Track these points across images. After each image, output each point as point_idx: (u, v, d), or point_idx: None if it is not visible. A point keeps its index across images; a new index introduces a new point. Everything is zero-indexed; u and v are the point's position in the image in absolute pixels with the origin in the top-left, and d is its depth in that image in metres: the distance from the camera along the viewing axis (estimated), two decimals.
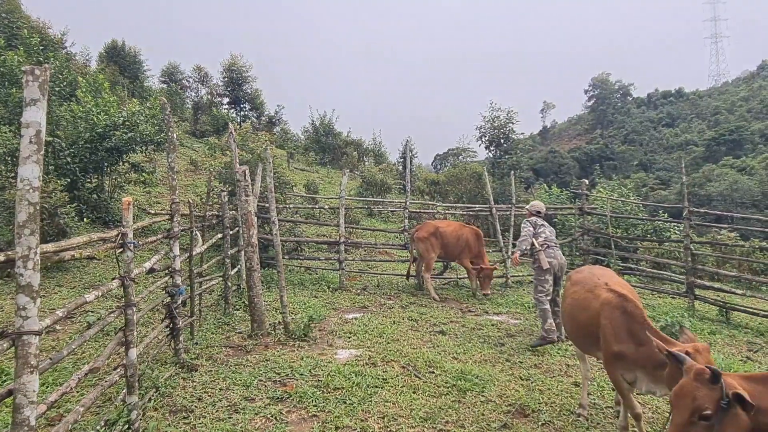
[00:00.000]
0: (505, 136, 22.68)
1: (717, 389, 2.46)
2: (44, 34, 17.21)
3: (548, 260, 6.58)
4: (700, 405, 2.46)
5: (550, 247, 6.75)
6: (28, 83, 2.36)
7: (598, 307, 3.89)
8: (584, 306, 4.08)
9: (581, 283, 4.36)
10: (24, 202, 2.32)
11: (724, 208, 37.58)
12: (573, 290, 4.40)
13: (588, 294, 4.12)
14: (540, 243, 6.76)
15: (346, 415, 4.19)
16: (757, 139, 61.38)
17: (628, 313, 3.67)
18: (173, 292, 5.17)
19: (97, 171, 10.67)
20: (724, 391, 2.44)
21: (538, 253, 6.64)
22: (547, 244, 6.76)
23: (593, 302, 3.99)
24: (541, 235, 6.85)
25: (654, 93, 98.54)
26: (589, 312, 3.99)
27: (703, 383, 2.50)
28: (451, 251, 9.44)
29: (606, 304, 3.83)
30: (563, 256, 6.95)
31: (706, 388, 2.48)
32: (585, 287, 4.23)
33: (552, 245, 6.79)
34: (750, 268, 12.02)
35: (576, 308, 4.23)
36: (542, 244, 6.76)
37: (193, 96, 30.08)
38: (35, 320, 2.37)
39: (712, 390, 2.47)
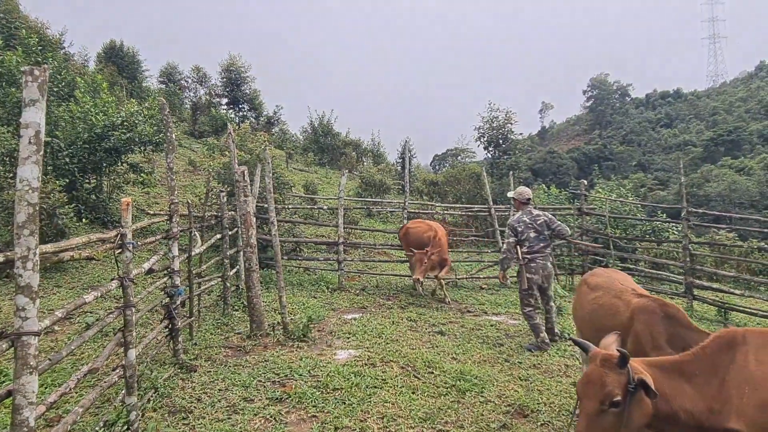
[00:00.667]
0: (503, 137, 22.71)
1: (624, 374, 2.42)
2: (42, 35, 17.17)
3: (529, 276, 6.28)
4: (610, 391, 2.40)
5: (534, 259, 6.33)
6: (28, 84, 2.35)
7: (629, 314, 3.62)
8: (612, 312, 3.79)
9: (604, 288, 4.08)
10: (23, 202, 2.32)
11: (722, 208, 37.69)
12: (594, 296, 4.08)
13: (615, 300, 3.85)
14: (523, 254, 6.35)
15: (346, 416, 4.19)
16: (756, 139, 61.52)
17: (671, 317, 3.42)
18: (172, 293, 5.17)
19: (95, 171, 10.65)
20: (631, 376, 2.40)
21: (521, 268, 6.35)
22: (530, 256, 6.33)
23: (623, 308, 3.71)
24: (526, 243, 6.36)
25: (652, 93, 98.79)
26: (619, 318, 3.70)
27: (611, 368, 2.45)
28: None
29: (641, 309, 3.54)
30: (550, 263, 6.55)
31: (614, 374, 2.43)
32: (610, 293, 3.96)
33: (536, 253, 6.34)
34: (748, 268, 12.04)
35: (601, 315, 3.91)
36: (525, 255, 6.35)
37: (191, 96, 30.06)
38: (34, 321, 2.37)
39: (620, 375, 2.42)
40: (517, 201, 6.71)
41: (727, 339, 2.59)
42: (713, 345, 2.61)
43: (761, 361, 2.46)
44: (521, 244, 6.38)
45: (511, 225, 6.52)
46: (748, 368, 2.46)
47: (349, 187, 18.62)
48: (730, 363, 2.51)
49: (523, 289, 6.32)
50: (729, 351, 2.56)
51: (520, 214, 6.55)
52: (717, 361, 2.55)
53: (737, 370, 2.48)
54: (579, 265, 11.13)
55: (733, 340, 2.57)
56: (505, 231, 6.53)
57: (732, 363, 2.50)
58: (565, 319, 7.86)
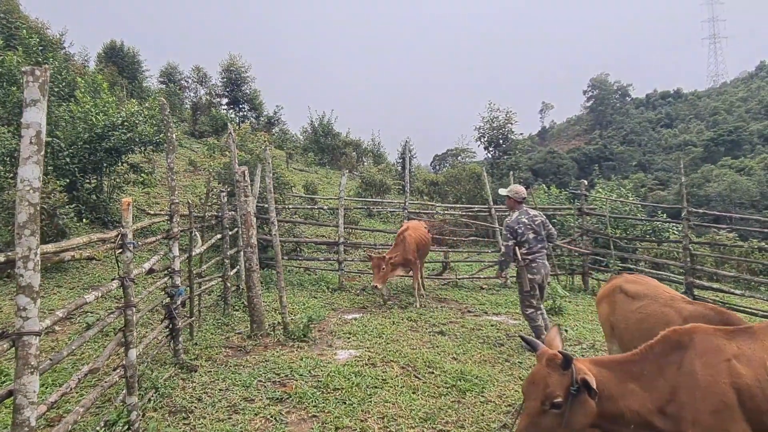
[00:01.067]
0: (503, 137, 22.71)
1: (567, 375, 2.40)
2: (43, 35, 17.19)
3: (531, 277, 6.09)
4: (551, 392, 2.40)
5: (535, 259, 6.14)
6: (29, 84, 2.36)
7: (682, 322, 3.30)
8: (664, 321, 3.51)
9: (649, 297, 3.81)
10: (24, 202, 2.32)
11: (722, 208, 37.70)
12: (639, 305, 3.81)
13: (666, 309, 3.65)
14: (523, 255, 6.14)
15: (346, 416, 4.19)
16: (756, 139, 61.54)
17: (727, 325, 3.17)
18: (173, 293, 5.18)
19: (96, 171, 10.66)
20: (574, 377, 2.38)
21: (521, 270, 6.13)
22: (530, 257, 6.13)
23: (674, 317, 3.51)
24: (525, 244, 6.15)
25: (653, 93, 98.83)
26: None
27: (555, 369, 2.44)
28: None
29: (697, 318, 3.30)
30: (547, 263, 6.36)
31: (557, 374, 2.42)
32: (658, 301, 3.73)
33: (536, 253, 6.16)
34: (749, 268, 12.04)
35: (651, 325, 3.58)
36: (525, 256, 6.14)
37: (191, 96, 30.09)
38: (35, 321, 2.37)
39: (562, 376, 2.41)
40: (512, 200, 6.41)
41: (674, 340, 2.56)
42: (660, 345, 2.58)
43: (708, 364, 2.42)
44: (521, 245, 6.16)
45: (510, 226, 6.23)
46: (696, 374, 2.42)
47: (349, 187, 18.62)
48: (678, 366, 2.47)
49: (525, 291, 6.12)
50: (676, 353, 2.52)
51: (518, 214, 6.29)
52: (663, 363, 2.52)
53: (687, 374, 2.44)
54: (579, 266, 11.12)
55: (680, 342, 2.54)
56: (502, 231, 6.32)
57: (680, 367, 2.47)
58: (566, 319, 7.87)
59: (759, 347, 2.46)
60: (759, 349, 2.46)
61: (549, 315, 7.98)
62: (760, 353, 2.43)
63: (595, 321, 7.89)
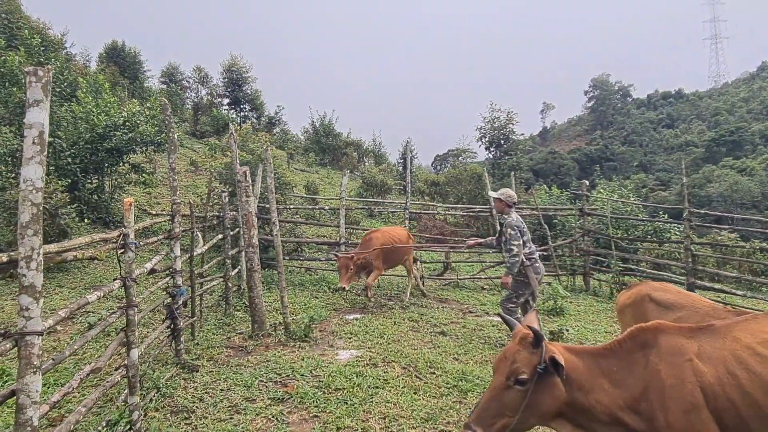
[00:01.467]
0: (505, 137, 22.69)
1: (537, 354, 2.39)
2: (44, 35, 17.21)
3: (537, 277, 6.06)
4: (517, 368, 2.40)
5: (537, 259, 6.19)
6: (31, 84, 2.36)
7: None
8: None
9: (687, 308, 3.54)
10: (27, 202, 2.32)
11: (724, 209, 37.65)
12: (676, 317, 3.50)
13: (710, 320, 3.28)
14: (527, 256, 6.06)
15: (348, 416, 4.19)
16: (757, 140, 61.47)
17: None
18: (174, 293, 5.18)
19: (97, 172, 10.68)
20: (543, 356, 2.37)
21: (527, 269, 6.03)
22: (534, 257, 6.14)
23: None
24: (527, 244, 6.11)
25: (654, 94, 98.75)
26: None
27: (525, 347, 2.44)
28: None
29: None
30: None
31: (526, 352, 2.42)
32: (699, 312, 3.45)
33: (536, 254, 6.22)
34: (750, 269, 12.04)
35: None
36: (530, 257, 6.07)
37: (193, 96, 30.12)
38: (38, 321, 2.37)
39: (532, 354, 2.40)
40: (503, 203, 6.26)
41: (640, 338, 2.51)
42: (628, 342, 2.53)
43: (672, 364, 2.38)
44: (524, 246, 6.09)
45: (518, 226, 6.10)
46: (661, 373, 2.38)
47: (350, 188, 18.62)
48: (644, 366, 2.43)
49: (525, 285, 6.04)
50: (642, 351, 2.48)
51: (515, 215, 6.22)
52: (632, 361, 2.48)
53: (653, 374, 2.40)
54: (580, 266, 11.12)
55: (646, 340, 2.50)
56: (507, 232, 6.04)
57: (646, 366, 2.43)
58: (567, 319, 7.87)
59: (721, 345, 2.42)
60: (721, 347, 2.41)
61: (550, 316, 8.01)
62: (721, 352, 2.39)
63: (597, 321, 7.90)
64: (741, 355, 2.35)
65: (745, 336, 2.42)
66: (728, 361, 2.34)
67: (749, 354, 2.34)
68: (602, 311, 8.66)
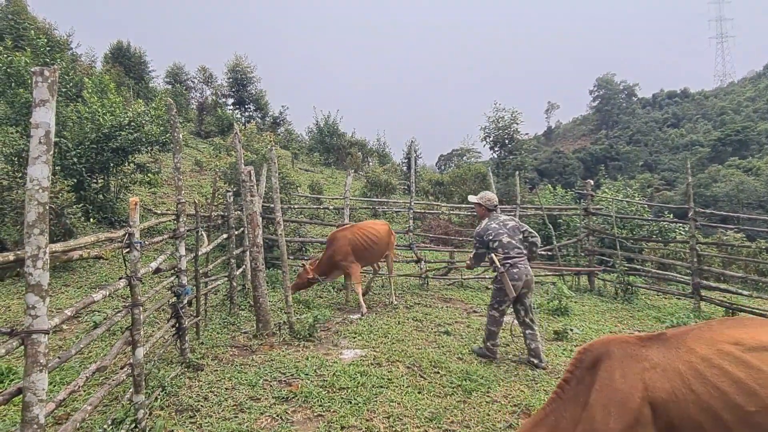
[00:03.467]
0: (509, 137, 22.63)
1: None
2: (50, 36, 17.31)
3: (514, 284, 5.53)
4: None
5: (516, 264, 5.61)
6: (38, 84, 2.37)
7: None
8: None
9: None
10: (33, 201, 2.34)
11: (730, 208, 37.45)
12: None
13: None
14: (502, 260, 5.64)
15: (352, 415, 4.20)
16: (764, 139, 61.12)
17: None
18: (179, 292, 5.20)
19: (103, 171, 10.73)
20: None
21: (502, 276, 5.56)
22: (510, 261, 5.61)
23: None
24: (500, 249, 5.67)
25: (659, 93, 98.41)
26: None
27: None
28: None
29: None
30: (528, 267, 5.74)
31: None
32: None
33: (515, 258, 5.64)
34: (756, 269, 11.98)
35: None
36: (505, 262, 5.63)
37: (197, 97, 30.19)
38: (44, 319, 2.39)
39: None
40: (483, 207, 6.00)
41: (589, 360, 2.35)
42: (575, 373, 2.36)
43: (625, 375, 2.24)
44: (495, 251, 5.70)
45: (478, 234, 5.88)
46: (612, 386, 2.22)
47: (354, 187, 18.62)
48: (592, 383, 2.26)
49: (510, 297, 5.58)
50: (593, 371, 2.31)
51: (487, 221, 5.90)
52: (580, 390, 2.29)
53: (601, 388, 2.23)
54: (585, 266, 11.08)
55: (596, 357, 2.33)
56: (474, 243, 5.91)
57: (595, 383, 2.26)
58: (571, 319, 7.85)
59: (675, 356, 2.25)
60: (675, 358, 2.24)
61: (555, 315, 7.99)
62: (676, 363, 2.22)
63: (601, 321, 7.88)
64: (698, 367, 2.18)
65: (700, 346, 2.25)
66: (683, 374, 2.18)
67: (706, 366, 2.17)
68: (607, 311, 8.63)
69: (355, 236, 8.13)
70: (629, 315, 8.44)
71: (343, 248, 8.01)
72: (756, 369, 2.11)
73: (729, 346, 2.20)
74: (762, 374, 2.10)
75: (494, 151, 23.63)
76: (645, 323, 7.90)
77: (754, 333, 2.25)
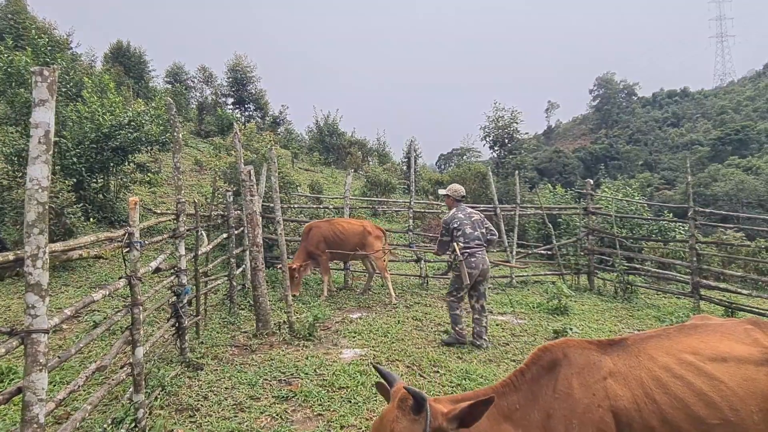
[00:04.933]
0: (509, 136, 22.63)
1: (420, 421, 1.94)
2: (50, 35, 17.29)
3: (469, 272, 6.08)
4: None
5: (474, 253, 6.16)
6: (37, 84, 2.38)
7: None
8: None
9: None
10: (33, 201, 2.34)
11: (729, 208, 37.43)
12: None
13: None
14: (462, 249, 6.17)
15: (352, 414, 4.21)
16: (764, 138, 61.02)
17: None
18: (179, 292, 5.21)
19: (102, 171, 10.72)
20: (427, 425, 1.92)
21: (461, 264, 6.11)
22: (469, 251, 6.16)
23: None
24: (461, 238, 6.21)
25: (659, 92, 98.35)
26: None
27: (404, 413, 1.97)
28: None
29: None
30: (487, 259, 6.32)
31: (406, 420, 1.96)
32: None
33: (475, 248, 6.19)
34: (756, 268, 11.97)
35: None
36: (464, 250, 6.16)
37: (197, 96, 30.17)
38: (44, 318, 2.39)
39: (412, 422, 1.94)
40: (451, 198, 6.56)
41: (547, 359, 2.24)
42: (532, 369, 2.24)
43: (584, 384, 2.13)
44: (457, 240, 6.24)
45: (445, 222, 6.42)
46: (572, 396, 2.11)
47: (354, 187, 18.62)
48: (553, 389, 2.15)
49: (464, 284, 6.13)
50: (551, 374, 2.19)
51: (454, 211, 6.46)
52: (537, 389, 2.18)
53: (561, 398, 2.12)
54: (585, 265, 11.09)
55: (553, 360, 2.22)
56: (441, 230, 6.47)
57: (555, 389, 2.14)
58: (571, 318, 7.85)
59: (636, 364, 2.17)
60: (636, 366, 2.16)
61: (555, 315, 8.01)
62: (637, 371, 2.14)
63: (601, 321, 7.89)
64: (659, 376, 2.11)
65: (661, 355, 2.19)
66: (645, 383, 2.11)
67: (668, 376, 2.11)
68: (606, 310, 8.64)
69: (328, 229, 8.82)
70: (629, 314, 8.45)
71: (315, 237, 8.72)
72: (717, 380, 2.08)
73: (689, 356, 2.16)
74: (722, 385, 2.07)
75: (494, 150, 23.64)
76: (645, 322, 7.91)
77: (711, 342, 2.21)
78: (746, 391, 2.05)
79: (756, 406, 2.03)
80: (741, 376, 2.08)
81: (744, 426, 2.02)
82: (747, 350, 2.16)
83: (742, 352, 2.16)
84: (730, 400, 2.04)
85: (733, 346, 2.19)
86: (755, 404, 2.03)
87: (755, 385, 2.06)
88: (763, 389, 2.05)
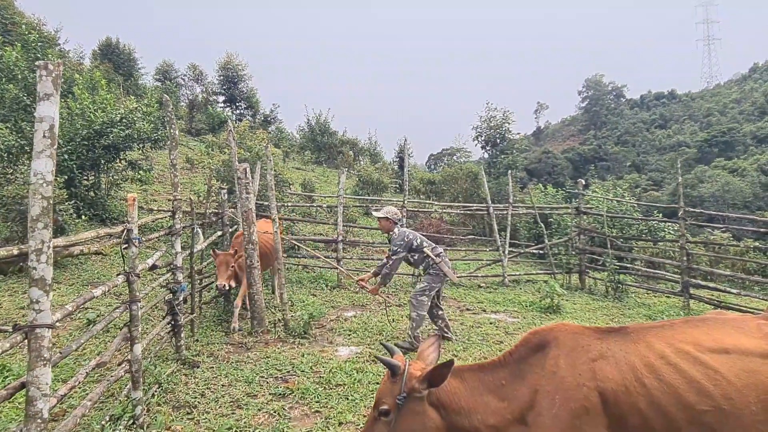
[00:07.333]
0: (501, 136, 22.74)
1: (397, 383, 2.35)
2: (39, 31, 17.08)
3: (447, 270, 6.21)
4: (379, 399, 2.39)
5: (442, 258, 6.29)
6: (42, 78, 2.38)
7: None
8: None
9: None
10: (37, 195, 2.34)
11: (716, 209, 37.89)
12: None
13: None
14: (435, 253, 6.26)
15: (349, 411, 4.23)
16: (749, 140, 61.90)
17: None
18: (175, 289, 5.19)
19: (93, 168, 10.61)
20: (402, 386, 2.31)
21: (440, 265, 6.18)
22: (441, 255, 6.28)
23: None
24: (428, 247, 6.30)
25: (647, 94, 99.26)
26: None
27: (388, 377, 2.41)
28: None
29: None
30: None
31: (389, 383, 2.39)
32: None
33: (442, 253, 6.36)
34: (743, 267, 12.16)
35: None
36: (437, 254, 6.26)
37: (188, 94, 29.95)
38: (48, 314, 2.39)
39: (393, 384, 2.36)
40: (390, 221, 6.49)
41: (535, 342, 2.37)
42: (521, 349, 2.39)
43: (573, 364, 2.23)
44: (423, 250, 6.27)
45: (402, 241, 6.29)
46: (559, 374, 2.21)
47: (346, 186, 18.59)
48: (541, 368, 2.27)
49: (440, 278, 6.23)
50: (539, 354, 2.32)
51: (402, 230, 6.47)
52: (525, 367, 2.32)
53: (549, 376, 2.23)
54: (576, 264, 11.19)
55: (543, 342, 2.35)
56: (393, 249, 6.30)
57: (543, 368, 2.27)
58: (563, 317, 7.93)
59: (632, 350, 2.24)
60: (632, 352, 2.24)
61: (547, 313, 8.08)
62: (631, 357, 2.22)
63: (593, 319, 7.97)
64: (653, 362, 2.18)
65: (659, 343, 2.26)
66: (637, 368, 2.18)
67: (662, 363, 2.18)
68: (598, 309, 8.73)
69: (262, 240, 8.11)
70: (620, 313, 8.55)
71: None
72: (713, 369, 2.12)
73: (688, 346, 2.22)
74: (718, 375, 2.11)
75: (486, 150, 23.73)
76: (636, 321, 8.01)
77: (716, 334, 2.26)
78: (745, 383, 2.09)
79: (755, 398, 2.07)
80: (741, 367, 2.12)
81: (738, 415, 2.06)
82: (755, 343, 2.20)
83: (749, 345, 2.19)
84: (724, 390, 2.08)
85: (740, 338, 2.23)
86: (755, 395, 2.07)
87: (757, 377, 2.10)
88: (765, 381, 2.09)
